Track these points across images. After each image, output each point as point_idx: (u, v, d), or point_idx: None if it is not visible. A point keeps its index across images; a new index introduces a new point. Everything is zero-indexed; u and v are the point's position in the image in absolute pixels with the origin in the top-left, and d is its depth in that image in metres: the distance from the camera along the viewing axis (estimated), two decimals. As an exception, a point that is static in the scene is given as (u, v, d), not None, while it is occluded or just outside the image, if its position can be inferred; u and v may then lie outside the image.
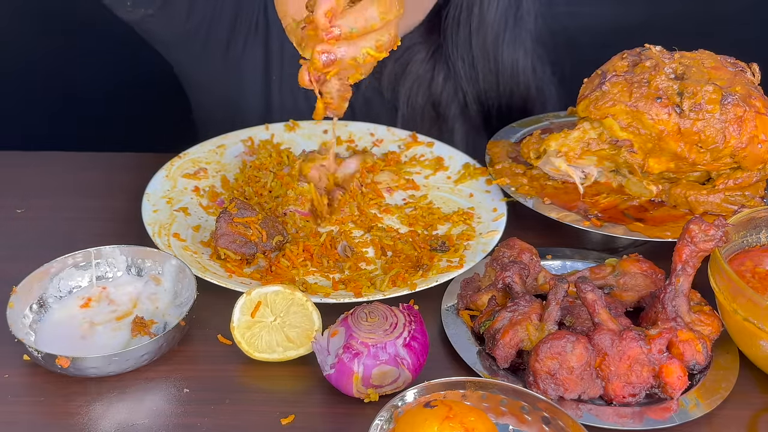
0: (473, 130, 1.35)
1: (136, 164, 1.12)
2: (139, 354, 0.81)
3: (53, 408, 0.80)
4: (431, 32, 1.29)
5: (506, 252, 0.94)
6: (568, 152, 1.06)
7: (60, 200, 1.10)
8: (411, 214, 1.08)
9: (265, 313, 0.85)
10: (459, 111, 1.33)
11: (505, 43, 1.28)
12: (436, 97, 1.31)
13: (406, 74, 1.30)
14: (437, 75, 1.30)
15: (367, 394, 0.80)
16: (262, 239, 0.97)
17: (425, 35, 1.29)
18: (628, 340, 0.80)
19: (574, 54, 1.36)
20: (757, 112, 1.00)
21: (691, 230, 0.85)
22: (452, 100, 1.32)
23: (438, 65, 1.30)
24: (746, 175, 1.03)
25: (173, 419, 0.79)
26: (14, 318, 0.84)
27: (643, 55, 1.05)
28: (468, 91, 1.32)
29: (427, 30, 1.29)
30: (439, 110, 1.33)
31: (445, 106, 1.32)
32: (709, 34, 1.20)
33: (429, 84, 1.30)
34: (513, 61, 1.30)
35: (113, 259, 0.92)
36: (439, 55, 1.30)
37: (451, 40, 1.27)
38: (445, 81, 1.31)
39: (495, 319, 0.85)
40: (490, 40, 1.27)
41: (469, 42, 1.26)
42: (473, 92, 1.33)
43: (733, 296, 0.84)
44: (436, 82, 1.31)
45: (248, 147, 1.20)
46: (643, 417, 0.80)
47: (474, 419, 0.70)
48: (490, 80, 1.31)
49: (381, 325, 0.80)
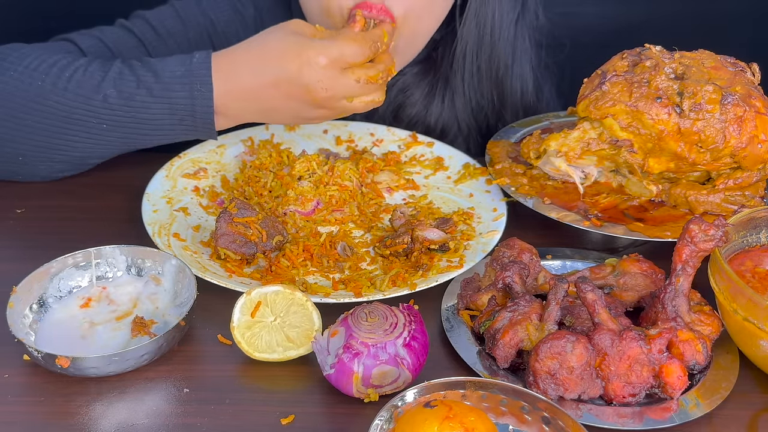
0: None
1: (136, 164, 1.12)
2: (139, 354, 0.81)
3: (53, 408, 0.80)
4: (426, 73, 1.29)
5: (506, 252, 0.94)
6: (568, 152, 1.06)
7: (60, 200, 1.10)
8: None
9: (265, 313, 0.85)
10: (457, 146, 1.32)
11: (514, 72, 1.27)
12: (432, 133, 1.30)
13: (400, 114, 1.30)
14: (432, 113, 1.30)
15: (367, 394, 0.80)
16: (262, 239, 0.97)
17: (419, 76, 1.29)
18: (628, 340, 0.80)
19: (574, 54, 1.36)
20: (757, 112, 1.00)
21: (691, 230, 0.85)
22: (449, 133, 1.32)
23: (431, 104, 1.29)
24: (746, 175, 1.03)
25: (173, 419, 0.79)
26: (14, 318, 0.84)
27: (643, 55, 1.05)
28: (472, 123, 1.31)
29: (422, 70, 1.28)
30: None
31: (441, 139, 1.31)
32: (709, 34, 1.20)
33: (424, 121, 1.30)
34: (522, 89, 1.29)
35: (113, 259, 0.92)
36: (433, 94, 1.29)
37: (459, 73, 1.26)
38: (441, 117, 1.30)
39: (495, 319, 0.85)
40: (501, 70, 1.26)
41: (479, 73, 1.26)
42: (479, 124, 1.32)
43: (733, 296, 0.84)
44: (431, 120, 1.30)
45: (248, 147, 1.20)
46: (643, 417, 0.80)
47: (474, 419, 0.70)
48: (498, 110, 1.30)
49: (381, 325, 0.80)
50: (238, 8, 1.25)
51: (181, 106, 1.01)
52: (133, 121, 1.02)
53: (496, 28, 1.22)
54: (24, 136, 1.03)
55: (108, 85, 1.01)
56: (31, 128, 1.03)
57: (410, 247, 0.98)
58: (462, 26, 1.22)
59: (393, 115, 1.30)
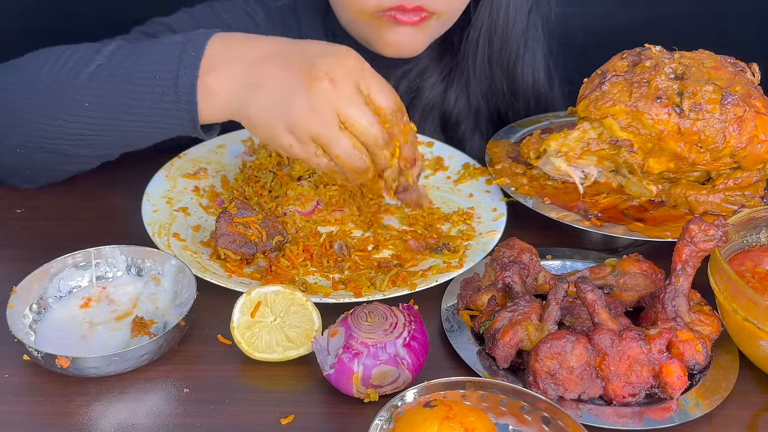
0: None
1: (136, 164, 1.12)
2: (139, 354, 0.81)
3: (53, 408, 0.80)
4: (443, 56, 1.29)
5: (506, 252, 0.94)
6: (568, 152, 1.06)
7: (60, 200, 1.10)
8: (411, 214, 1.08)
9: (265, 313, 0.85)
10: (471, 132, 1.33)
11: (526, 61, 1.28)
12: (447, 119, 1.31)
13: (417, 99, 1.30)
14: (449, 97, 1.30)
15: (367, 394, 0.80)
16: (262, 239, 0.97)
17: (437, 59, 1.29)
18: (628, 340, 0.80)
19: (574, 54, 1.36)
20: (757, 112, 1.00)
21: (691, 230, 0.85)
22: (464, 119, 1.32)
23: (450, 88, 1.30)
24: (746, 175, 1.03)
25: (173, 419, 0.79)
26: (14, 318, 0.84)
27: (643, 55, 1.05)
28: (483, 110, 1.32)
29: (439, 53, 1.29)
30: (450, 134, 1.33)
31: (455, 126, 1.31)
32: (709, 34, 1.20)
33: (441, 106, 1.31)
34: (534, 78, 1.30)
35: (113, 259, 0.92)
36: (452, 78, 1.29)
37: (472, 59, 1.26)
38: (457, 102, 1.30)
39: (495, 319, 0.85)
40: (512, 58, 1.26)
41: (490, 61, 1.26)
42: (491, 111, 1.32)
43: (733, 296, 0.84)
44: (447, 104, 1.30)
45: (248, 147, 1.20)
46: (643, 417, 0.80)
47: (474, 419, 0.70)
48: (509, 98, 1.31)
49: (381, 325, 0.80)
50: (249, 12, 1.25)
51: (166, 64, 0.94)
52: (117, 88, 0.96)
53: (510, 16, 1.23)
54: (21, 123, 1.00)
55: (102, 57, 0.97)
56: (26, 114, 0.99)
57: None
58: (477, 13, 1.22)
59: (410, 99, 1.30)
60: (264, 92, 0.92)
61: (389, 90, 0.93)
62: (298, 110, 0.90)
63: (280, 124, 0.92)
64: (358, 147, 0.92)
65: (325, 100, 0.90)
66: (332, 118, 0.90)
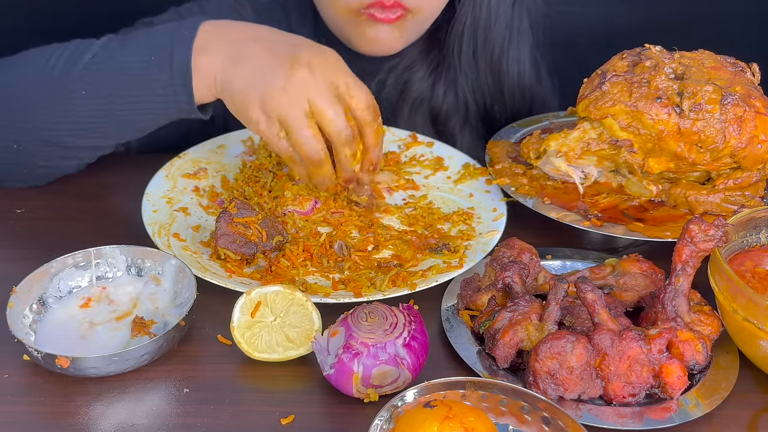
0: (477, 142, 1.35)
1: (136, 164, 1.12)
2: (139, 354, 0.81)
3: (53, 408, 0.80)
4: (430, 50, 1.30)
5: (506, 252, 0.94)
6: (568, 152, 1.06)
7: (60, 200, 1.10)
8: (411, 214, 1.08)
9: (265, 313, 0.85)
10: (461, 126, 1.33)
11: (511, 54, 1.28)
12: (437, 113, 1.32)
13: (405, 93, 1.31)
14: (438, 91, 1.31)
15: (367, 394, 0.80)
16: (262, 239, 0.97)
17: (424, 53, 1.30)
18: (628, 340, 0.80)
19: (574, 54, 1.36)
20: (757, 112, 1.00)
21: (691, 230, 0.85)
22: (454, 114, 1.33)
23: (438, 82, 1.31)
24: (746, 175, 1.03)
25: (173, 419, 0.79)
26: (14, 318, 0.84)
27: (643, 55, 1.05)
28: (471, 104, 1.32)
29: (426, 47, 1.29)
30: (440, 127, 1.33)
31: (445, 120, 1.32)
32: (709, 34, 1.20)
33: (430, 100, 1.31)
34: (519, 71, 1.31)
35: (113, 259, 0.92)
36: (439, 72, 1.30)
37: (457, 54, 1.27)
38: (446, 96, 1.31)
39: (495, 319, 0.85)
40: (496, 52, 1.28)
41: (475, 55, 1.27)
42: (478, 105, 1.33)
43: (733, 296, 0.84)
44: (436, 98, 1.31)
45: (248, 147, 1.20)
46: (643, 417, 0.80)
47: (474, 419, 0.70)
48: (495, 92, 1.32)
49: (381, 325, 0.80)
50: (237, 9, 1.26)
51: (160, 47, 0.97)
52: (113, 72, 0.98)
53: (493, 9, 1.24)
54: (18, 117, 1.01)
55: (96, 47, 1.00)
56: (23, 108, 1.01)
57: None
58: (461, 6, 1.24)
59: (398, 93, 1.31)
60: (245, 67, 0.96)
61: (366, 90, 0.98)
62: (273, 89, 0.94)
63: (255, 99, 0.95)
64: (318, 138, 0.95)
65: (300, 86, 0.94)
66: (302, 104, 0.94)
